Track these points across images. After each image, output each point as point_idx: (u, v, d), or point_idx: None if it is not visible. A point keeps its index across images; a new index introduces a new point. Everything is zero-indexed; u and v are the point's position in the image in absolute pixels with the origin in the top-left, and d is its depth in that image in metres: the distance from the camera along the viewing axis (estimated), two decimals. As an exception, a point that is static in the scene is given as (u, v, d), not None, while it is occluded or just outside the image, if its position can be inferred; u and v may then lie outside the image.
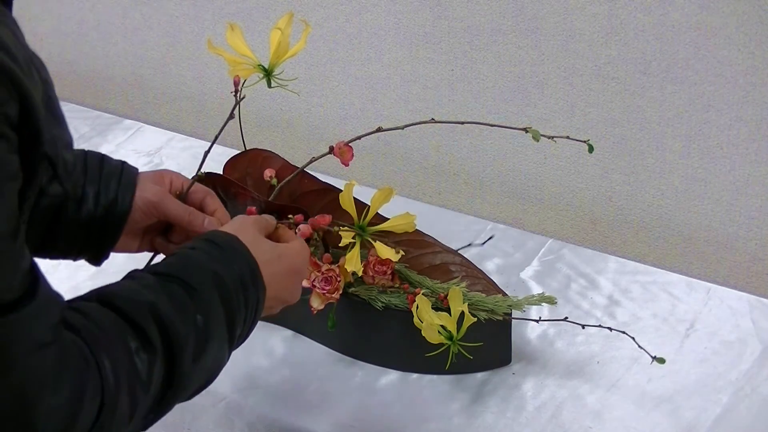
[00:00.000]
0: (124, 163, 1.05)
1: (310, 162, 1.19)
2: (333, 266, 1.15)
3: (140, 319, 0.81)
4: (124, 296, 0.82)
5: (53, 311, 0.74)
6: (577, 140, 1.15)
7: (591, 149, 1.13)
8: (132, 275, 0.87)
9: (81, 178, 1.01)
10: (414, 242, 1.23)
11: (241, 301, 0.88)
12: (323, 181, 1.26)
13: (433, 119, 1.18)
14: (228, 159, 1.25)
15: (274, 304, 0.96)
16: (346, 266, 1.13)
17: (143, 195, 1.03)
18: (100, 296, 0.82)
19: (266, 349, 1.25)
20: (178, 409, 1.21)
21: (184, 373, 0.83)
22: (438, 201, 1.64)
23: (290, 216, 1.07)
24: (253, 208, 1.10)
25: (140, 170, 1.05)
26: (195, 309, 0.84)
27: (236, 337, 0.89)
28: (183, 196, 1.06)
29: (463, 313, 1.11)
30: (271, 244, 0.97)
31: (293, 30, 1.19)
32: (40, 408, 0.71)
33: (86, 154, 1.04)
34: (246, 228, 0.96)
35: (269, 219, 1.02)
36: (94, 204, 1.01)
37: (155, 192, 1.04)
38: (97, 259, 1.05)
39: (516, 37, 1.44)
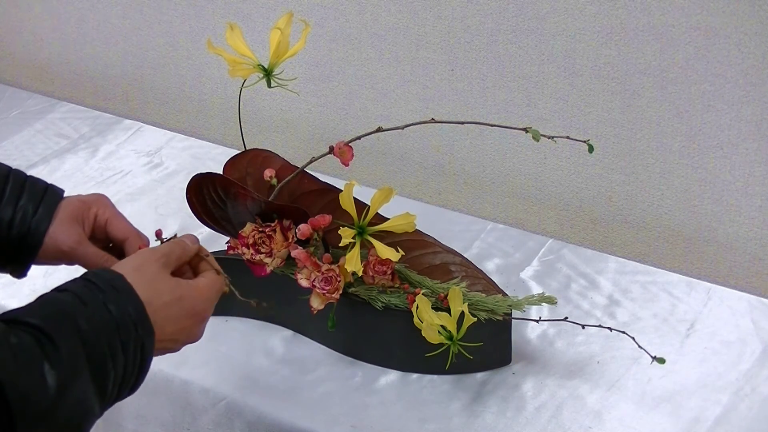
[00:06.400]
0: (47, 189, 1.00)
1: (310, 162, 1.19)
2: (333, 266, 1.15)
3: None
4: None
5: None
6: (577, 140, 1.15)
7: (591, 149, 1.13)
8: None
9: None
10: (414, 242, 1.23)
11: (116, 345, 0.81)
12: (323, 181, 1.26)
13: (433, 119, 1.18)
14: (228, 159, 1.25)
15: (171, 345, 0.90)
16: (346, 266, 1.13)
17: (56, 239, 0.98)
18: None
19: (266, 349, 1.25)
20: (179, 408, 1.22)
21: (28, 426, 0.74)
22: (438, 201, 1.64)
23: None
24: (144, 244, 1.01)
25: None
26: (45, 359, 0.76)
27: (109, 384, 0.81)
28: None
29: (463, 313, 1.11)
30: (171, 282, 0.90)
31: (293, 30, 1.19)
32: None
33: (9, 173, 1.00)
34: (144, 265, 0.89)
35: (183, 247, 0.95)
36: (8, 229, 0.96)
37: (67, 239, 0.98)
38: (17, 274, 1.01)
39: (516, 37, 1.44)
